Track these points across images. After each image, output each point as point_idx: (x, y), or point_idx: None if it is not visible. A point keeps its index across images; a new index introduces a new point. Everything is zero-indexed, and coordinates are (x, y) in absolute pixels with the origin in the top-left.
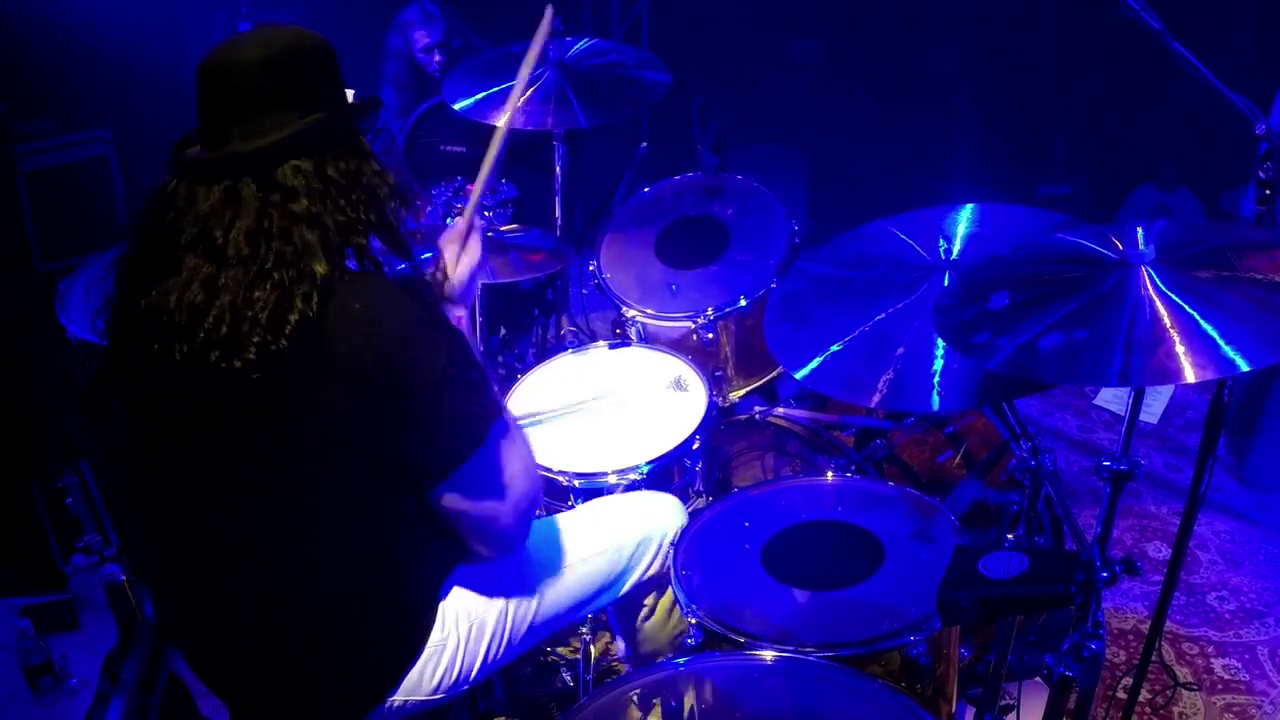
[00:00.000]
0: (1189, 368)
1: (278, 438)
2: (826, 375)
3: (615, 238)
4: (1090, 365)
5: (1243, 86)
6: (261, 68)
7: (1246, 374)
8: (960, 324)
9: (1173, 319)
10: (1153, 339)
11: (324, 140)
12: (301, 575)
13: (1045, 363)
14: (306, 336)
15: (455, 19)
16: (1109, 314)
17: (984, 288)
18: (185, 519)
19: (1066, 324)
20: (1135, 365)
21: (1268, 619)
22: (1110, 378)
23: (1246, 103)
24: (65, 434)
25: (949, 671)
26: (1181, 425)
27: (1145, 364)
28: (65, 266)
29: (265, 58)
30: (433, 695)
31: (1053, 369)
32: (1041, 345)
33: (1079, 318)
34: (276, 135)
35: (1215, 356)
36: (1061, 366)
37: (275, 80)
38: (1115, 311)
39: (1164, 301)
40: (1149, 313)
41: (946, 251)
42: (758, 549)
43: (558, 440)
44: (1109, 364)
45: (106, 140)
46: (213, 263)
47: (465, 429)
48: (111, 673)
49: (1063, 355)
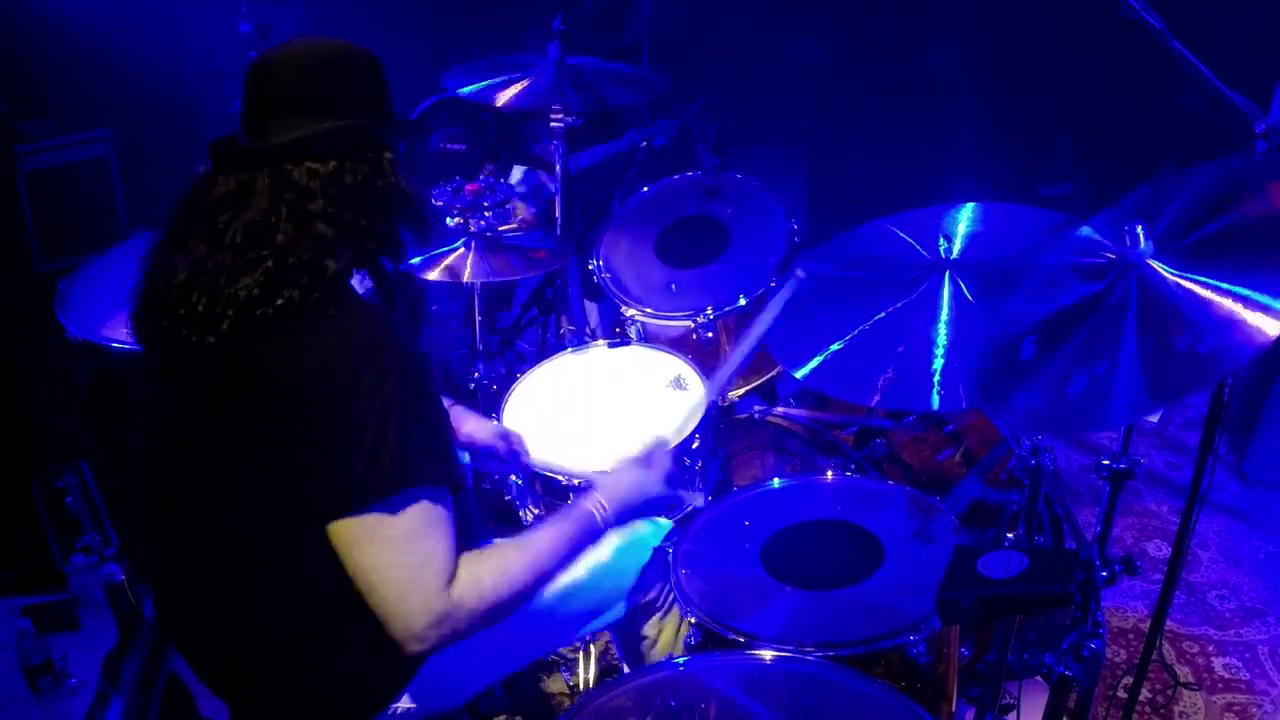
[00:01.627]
0: (1244, 337)
1: (262, 440)
2: (826, 374)
3: (615, 238)
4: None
5: (1243, 86)
6: (301, 70)
7: (1246, 372)
8: (999, 389)
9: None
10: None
11: (350, 146)
12: (300, 579)
13: (1079, 407)
14: (280, 329)
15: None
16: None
17: (1014, 340)
18: (183, 515)
19: (1082, 357)
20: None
21: (1268, 618)
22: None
23: (1246, 103)
24: (65, 434)
25: (949, 671)
26: (1181, 423)
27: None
28: (65, 266)
29: (306, 62)
30: (434, 703)
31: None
32: (1069, 390)
33: (1093, 347)
34: (300, 134)
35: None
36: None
37: (312, 83)
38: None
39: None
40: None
41: (947, 251)
42: (758, 548)
43: (558, 439)
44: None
45: (106, 140)
46: (208, 246)
47: (388, 465)
48: (111, 673)
49: (1089, 397)
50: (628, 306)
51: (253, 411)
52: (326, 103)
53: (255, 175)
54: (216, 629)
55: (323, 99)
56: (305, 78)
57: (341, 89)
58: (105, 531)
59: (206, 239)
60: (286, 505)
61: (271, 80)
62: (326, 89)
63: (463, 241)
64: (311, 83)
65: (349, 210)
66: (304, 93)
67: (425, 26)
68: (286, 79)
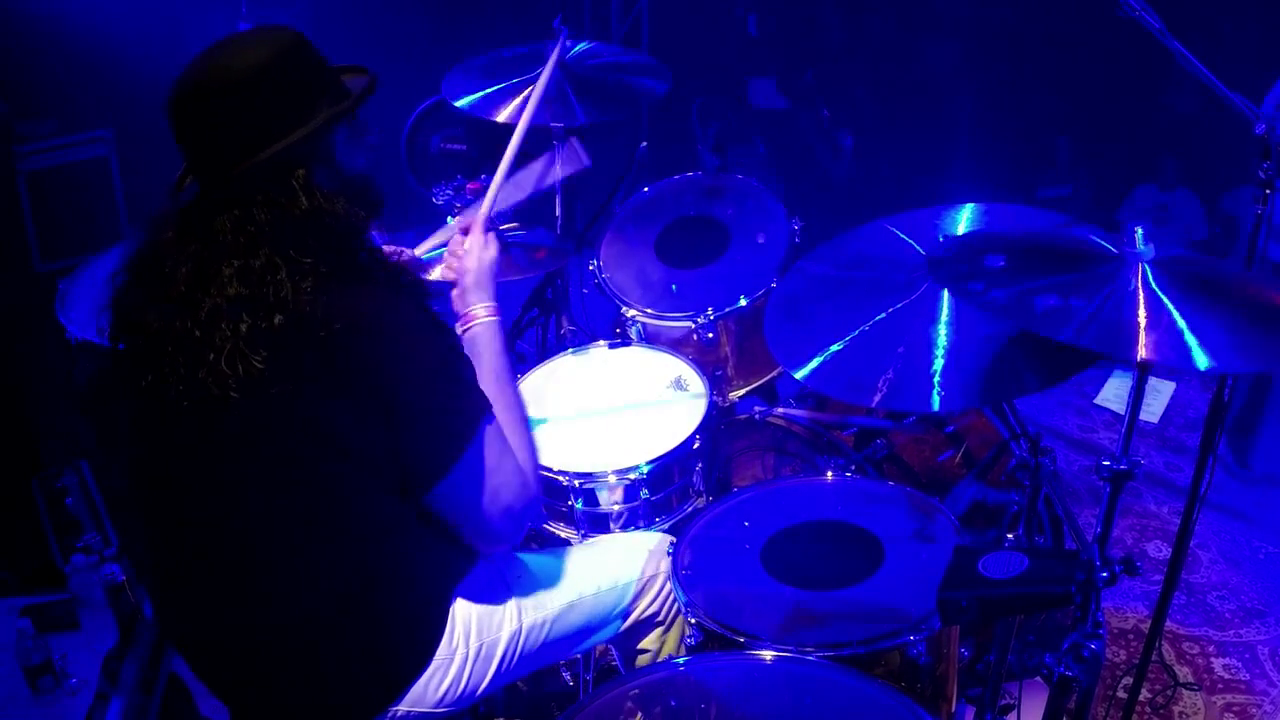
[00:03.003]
0: (1144, 347)
1: (265, 443)
2: (826, 375)
3: (615, 238)
4: (1080, 327)
5: (1243, 86)
6: (213, 113)
7: (1247, 379)
8: (955, 272)
9: (1150, 310)
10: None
11: (272, 178)
12: (300, 581)
13: (1040, 319)
14: (288, 345)
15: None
16: (1100, 290)
17: (980, 250)
18: (183, 515)
19: (1061, 290)
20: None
21: (1268, 618)
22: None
23: (1246, 103)
24: (65, 434)
25: (949, 671)
26: (1182, 424)
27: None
28: (65, 266)
29: (220, 101)
30: (435, 708)
31: (1047, 325)
32: (1037, 302)
33: (1071, 288)
34: (233, 177)
35: (1178, 345)
36: (1056, 324)
37: (228, 128)
38: (1105, 289)
39: (1147, 294)
40: (1134, 296)
41: None
42: (758, 549)
43: (558, 440)
44: (1090, 325)
45: (106, 140)
46: (195, 296)
47: (452, 428)
48: (111, 673)
49: (1057, 315)
50: (628, 307)
51: (296, 423)
52: (247, 140)
53: (213, 219)
54: (216, 629)
55: (243, 138)
56: (216, 125)
57: (256, 118)
58: (105, 531)
59: (191, 290)
60: (333, 501)
61: (186, 126)
62: (240, 129)
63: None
64: (226, 129)
65: (289, 243)
66: (221, 139)
67: (425, 26)
68: (202, 126)
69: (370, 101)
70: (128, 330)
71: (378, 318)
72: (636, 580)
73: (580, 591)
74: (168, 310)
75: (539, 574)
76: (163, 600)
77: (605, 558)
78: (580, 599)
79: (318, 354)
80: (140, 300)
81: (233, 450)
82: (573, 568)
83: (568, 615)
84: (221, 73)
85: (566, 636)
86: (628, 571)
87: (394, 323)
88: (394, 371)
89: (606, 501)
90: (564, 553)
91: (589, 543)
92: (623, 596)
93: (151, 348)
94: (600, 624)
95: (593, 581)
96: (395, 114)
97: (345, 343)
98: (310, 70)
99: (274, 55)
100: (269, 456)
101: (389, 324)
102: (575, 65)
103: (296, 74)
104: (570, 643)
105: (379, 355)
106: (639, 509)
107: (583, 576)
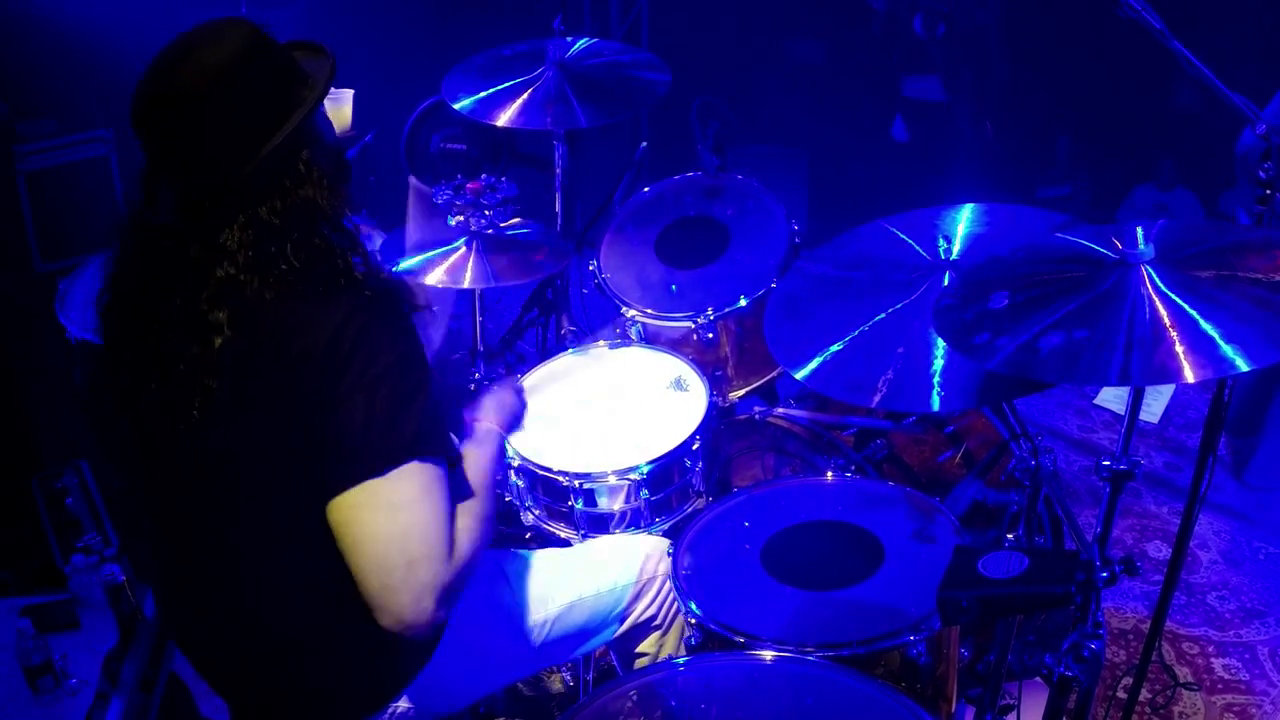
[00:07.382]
0: (1189, 367)
1: (244, 455)
2: (826, 375)
3: (615, 238)
4: (1090, 365)
5: (1243, 86)
6: (190, 127)
7: (1249, 374)
8: (960, 324)
9: (1172, 318)
10: (1153, 338)
11: (250, 191)
12: (299, 580)
13: (1046, 363)
14: (240, 369)
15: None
16: (1109, 313)
17: (983, 287)
18: (184, 513)
19: (1067, 323)
20: (1136, 364)
21: (1268, 619)
22: (1110, 377)
23: (1246, 103)
24: (65, 434)
25: (949, 671)
26: (1182, 425)
27: (1146, 363)
28: (65, 266)
29: (193, 113)
30: (434, 706)
31: (1053, 369)
32: (1042, 345)
33: (1079, 317)
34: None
35: (1214, 356)
36: (1062, 366)
37: (204, 145)
38: (1115, 311)
39: (1164, 301)
40: (1149, 312)
41: (946, 251)
42: (758, 549)
43: (558, 440)
44: (1109, 363)
45: (106, 140)
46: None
47: (380, 440)
48: (111, 673)
49: (1063, 355)
50: (628, 307)
51: (259, 395)
52: (246, 137)
53: (185, 245)
54: (218, 626)
55: (241, 135)
56: (209, 129)
57: (249, 113)
58: (105, 531)
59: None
60: (288, 494)
61: (170, 136)
62: (237, 127)
63: (464, 240)
64: (222, 130)
65: (272, 245)
66: (218, 141)
67: (425, 26)
68: (191, 133)
69: (370, 101)
70: (109, 346)
71: (336, 334)
72: (634, 583)
73: (580, 592)
74: (139, 327)
75: (539, 573)
76: (164, 596)
77: (604, 560)
78: (580, 599)
79: (270, 377)
80: (124, 314)
81: (214, 463)
82: (573, 569)
83: (568, 615)
84: (199, 74)
85: (567, 637)
86: (625, 574)
87: (352, 339)
88: (338, 390)
89: (606, 502)
90: (564, 553)
91: (587, 544)
92: (620, 599)
93: (125, 362)
94: (599, 626)
95: (592, 583)
96: (395, 114)
97: (297, 363)
98: (277, 53)
99: (245, 46)
100: (247, 467)
101: (345, 338)
102: (575, 64)
103: (271, 60)
104: (570, 644)
105: (328, 374)
106: (639, 509)
107: (583, 578)
